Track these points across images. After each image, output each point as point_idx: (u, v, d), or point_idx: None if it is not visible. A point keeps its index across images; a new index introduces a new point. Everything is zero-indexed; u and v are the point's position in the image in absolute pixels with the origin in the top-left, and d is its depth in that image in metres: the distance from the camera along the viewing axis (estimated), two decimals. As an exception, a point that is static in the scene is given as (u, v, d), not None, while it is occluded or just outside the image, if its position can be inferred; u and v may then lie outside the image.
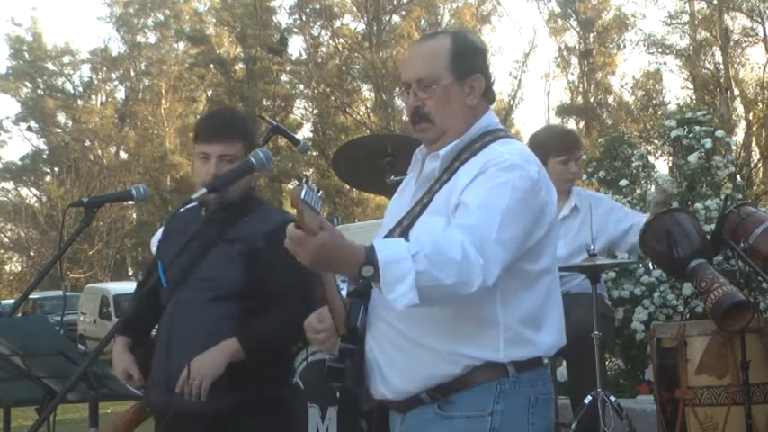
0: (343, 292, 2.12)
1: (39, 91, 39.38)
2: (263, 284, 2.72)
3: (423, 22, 36.75)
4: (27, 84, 39.18)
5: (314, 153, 33.74)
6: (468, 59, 2.14)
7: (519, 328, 2.01)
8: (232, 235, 2.77)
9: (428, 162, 2.16)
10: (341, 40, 36.79)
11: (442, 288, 1.82)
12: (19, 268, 39.95)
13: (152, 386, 2.82)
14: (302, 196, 1.68)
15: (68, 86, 40.23)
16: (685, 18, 32.37)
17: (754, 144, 29.25)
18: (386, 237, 2.11)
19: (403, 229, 2.09)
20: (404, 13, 37.05)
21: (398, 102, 33.91)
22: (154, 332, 2.96)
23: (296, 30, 37.78)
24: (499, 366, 2.00)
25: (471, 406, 2.00)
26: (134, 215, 37.57)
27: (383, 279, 1.79)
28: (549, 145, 4.15)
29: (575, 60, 37.79)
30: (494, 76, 2.21)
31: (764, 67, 30.77)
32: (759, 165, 25.32)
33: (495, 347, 1.99)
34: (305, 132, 36.45)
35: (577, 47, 37.42)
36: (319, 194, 1.73)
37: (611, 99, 37.20)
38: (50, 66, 39.82)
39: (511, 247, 1.93)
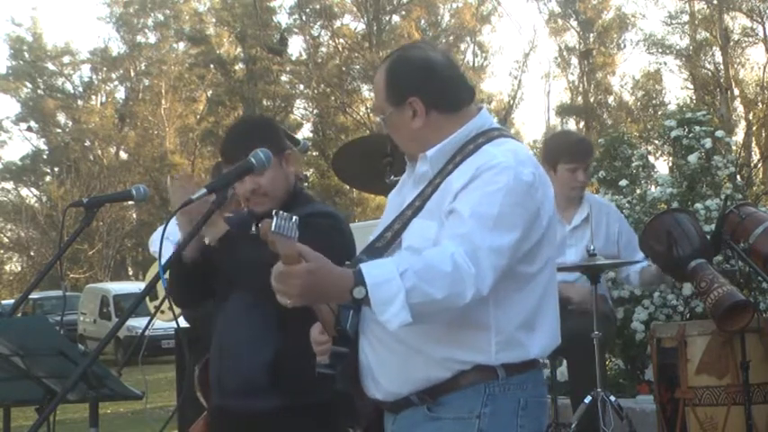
0: None
1: (39, 91, 39.31)
2: None
3: (423, 22, 36.79)
4: (27, 84, 39.11)
5: (314, 153, 33.68)
6: (400, 85, 2.11)
7: (511, 331, 1.99)
8: None
9: (419, 164, 2.15)
10: (341, 40, 36.77)
11: (434, 303, 1.81)
12: (19, 268, 39.95)
13: (209, 390, 2.86)
14: (273, 228, 1.67)
15: (68, 86, 40.20)
16: (685, 18, 32.40)
17: (754, 144, 29.25)
18: (377, 239, 2.10)
19: (394, 232, 2.08)
20: (404, 13, 37.04)
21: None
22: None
23: (296, 30, 37.79)
24: (489, 369, 1.99)
25: (459, 408, 1.99)
26: (134, 215, 37.53)
27: (373, 301, 1.78)
28: (560, 151, 4.21)
29: (575, 60, 37.80)
30: (458, 71, 2.14)
31: (764, 67, 30.80)
32: (759, 165, 25.27)
33: (486, 351, 1.98)
34: (305, 132, 36.46)
35: (577, 47, 37.40)
36: (293, 221, 1.70)
37: (611, 99, 37.20)
38: (50, 66, 39.76)
39: (506, 254, 1.91)
